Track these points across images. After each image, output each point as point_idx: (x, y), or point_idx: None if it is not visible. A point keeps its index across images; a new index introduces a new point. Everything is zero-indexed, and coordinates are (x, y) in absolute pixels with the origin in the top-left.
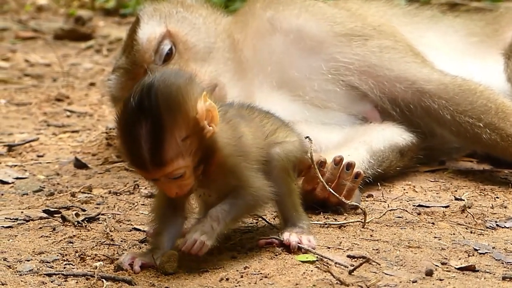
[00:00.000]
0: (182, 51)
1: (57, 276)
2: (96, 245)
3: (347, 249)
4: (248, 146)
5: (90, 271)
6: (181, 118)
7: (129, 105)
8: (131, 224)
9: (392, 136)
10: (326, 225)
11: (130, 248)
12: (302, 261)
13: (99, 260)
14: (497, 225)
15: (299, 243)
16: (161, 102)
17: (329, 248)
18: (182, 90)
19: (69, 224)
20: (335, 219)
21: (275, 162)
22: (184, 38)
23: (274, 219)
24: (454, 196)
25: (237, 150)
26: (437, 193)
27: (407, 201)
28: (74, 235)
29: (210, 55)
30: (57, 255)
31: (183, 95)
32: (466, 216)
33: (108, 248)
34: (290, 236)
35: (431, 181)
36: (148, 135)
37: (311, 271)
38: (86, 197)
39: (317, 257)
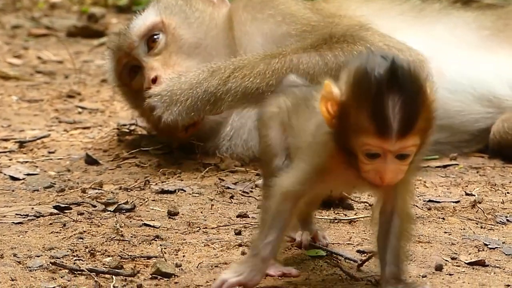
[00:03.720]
0: (170, 43)
1: (67, 271)
2: (106, 241)
3: (357, 244)
4: None
5: (100, 267)
6: (427, 97)
7: (378, 75)
8: (141, 220)
9: None
10: (336, 221)
11: (140, 243)
12: (312, 256)
13: (108, 256)
14: (507, 220)
15: None
16: (410, 75)
17: (339, 243)
18: (414, 66)
19: (79, 220)
20: (345, 215)
21: None
22: (174, 31)
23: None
24: (465, 192)
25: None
26: (447, 189)
27: (418, 196)
28: (84, 231)
29: (196, 50)
30: (67, 251)
31: (417, 69)
32: (476, 211)
33: (118, 244)
34: None
35: (442, 177)
36: (401, 104)
37: (321, 265)
38: (96, 193)
39: (327, 252)
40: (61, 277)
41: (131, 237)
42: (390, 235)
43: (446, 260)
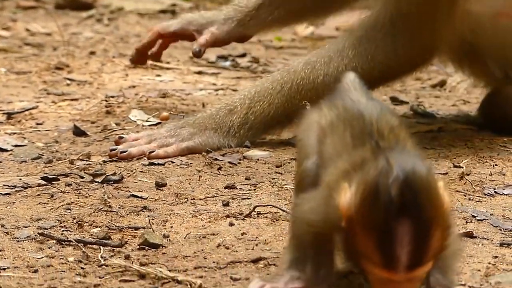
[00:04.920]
0: None
1: (55, 242)
2: (93, 212)
3: None
4: None
5: (87, 238)
6: (440, 217)
7: (388, 196)
8: (129, 191)
9: None
10: None
11: (127, 214)
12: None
13: (96, 227)
14: (495, 192)
15: None
16: (425, 199)
17: None
18: (433, 183)
19: (67, 191)
20: None
21: None
22: None
23: None
24: (453, 164)
25: None
26: (436, 160)
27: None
28: (72, 202)
29: None
30: (55, 222)
31: (436, 189)
32: (464, 183)
33: (105, 215)
34: None
35: (430, 149)
36: (412, 234)
37: None
38: (84, 164)
39: None
40: (49, 248)
41: (119, 208)
42: None
43: None
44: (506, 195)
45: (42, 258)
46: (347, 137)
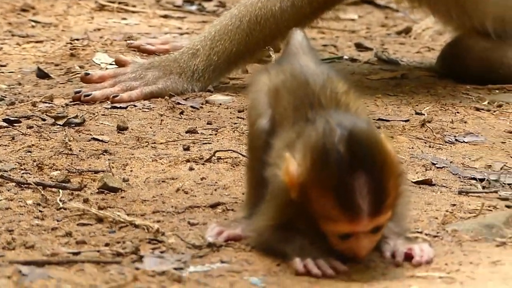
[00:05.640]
0: None
1: (14, 185)
2: (54, 155)
3: None
4: None
5: (47, 181)
6: (391, 165)
7: (338, 154)
8: (90, 134)
9: None
10: None
11: (88, 158)
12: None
13: (56, 170)
14: (456, 139)
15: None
16: (373, 150)
17: None
18: (376, 136)
19: (28, 133)
20: None
21: None
22: None
23: None
24: (415, 111)
25: None
26: (398, 107)
27: (368, 115)
28: (33, 145)
29: None
30: (15, 164)
31: (380, 140)
32: (425, 131)
33: (66, 158)
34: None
35: (392, 96)
36: (368, 184)
37: None
38: (47, 106)
39: None
40: (8, 190)
41: (79, 151)
42: None
43: None
44: (466, 143)
45: (0, 200)
46: (289, 109)
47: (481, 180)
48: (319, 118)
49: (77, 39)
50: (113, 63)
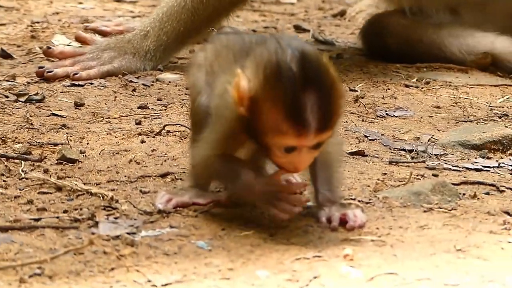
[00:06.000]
0: None
1: None
2: (16, 129)
3: None
4: None
5: (10, 153)
6: (336, 85)
7: (290, 71)
8: (50, 110)
9: None
10: None
11: (48, 132)
12: None
13: (18, 143)
14: (386, 114)
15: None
16: (322, 70)
17: None
18: (322, 58)
19: None
20: None
21: None
22: None
23: None
24: (349, 87)
25: None
26: None
27: None
28: None
29: None
30: None
31: (326, 63)
32: (358, 106)
33: (27, 132)
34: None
35: None
36: (318, 101)
37: None
38: (9, 85)
39: None
40: None
41: (40, 125)
42: (320, 162)
43: None
44: (396, 117)
45: None
46: (230, 56)
47: (410, 151)
48: (269, 39)
49: (37, 22)
50: (71, 44)
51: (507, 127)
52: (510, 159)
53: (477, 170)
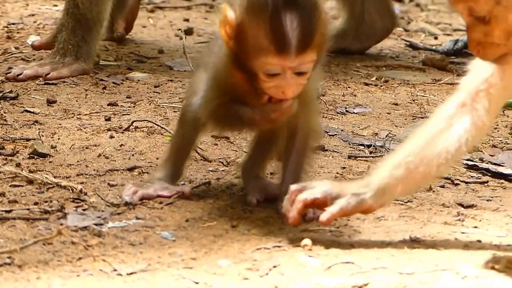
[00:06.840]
0: None
1: None
2: None
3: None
4: None
5: None
6: (322, 11)
7: None
8: (23, 107)
9: None
10: None
11: (20, 127)
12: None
13: None
14: (346, 111)
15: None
16: None
17: None
18: None
19: None
20: None
21: None
22: None
23: None
24: None
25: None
26: None
27: None
28: None
29: None
30: None
31: None
32: (320, 103)
33: (1, 128)
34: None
35: None
36: (299, 22)
37: None
38: None
39: None
40: None
41: (13, 121)
42: (293, 151)
43: None
44: (356, 113)
45: None
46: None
47: (369, 146)
48: None
49: (13, 24)
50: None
51: None
52: (465, 154)
53: None
